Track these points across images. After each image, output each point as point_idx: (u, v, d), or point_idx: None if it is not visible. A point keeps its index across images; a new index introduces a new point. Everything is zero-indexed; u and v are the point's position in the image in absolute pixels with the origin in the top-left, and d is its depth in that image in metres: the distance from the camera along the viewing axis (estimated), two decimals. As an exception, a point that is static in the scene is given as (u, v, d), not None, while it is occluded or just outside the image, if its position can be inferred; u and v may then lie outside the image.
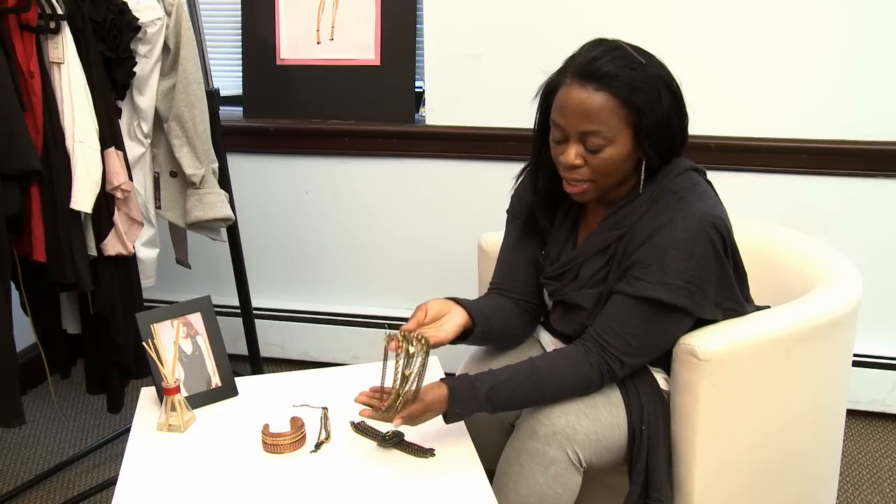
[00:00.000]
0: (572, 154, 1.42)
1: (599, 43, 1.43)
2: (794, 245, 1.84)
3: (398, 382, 1.36)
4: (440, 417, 1.44)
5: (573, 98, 1.39)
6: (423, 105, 2.57)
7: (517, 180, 1.66)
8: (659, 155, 1.44)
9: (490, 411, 1.45)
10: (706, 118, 2.35)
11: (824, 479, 1.77)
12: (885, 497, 2.17)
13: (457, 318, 1.51)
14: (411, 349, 1.36)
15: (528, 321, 1.70)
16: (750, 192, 2.36)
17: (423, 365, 1.37)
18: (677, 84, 1.45)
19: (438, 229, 2.65)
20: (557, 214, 1.62)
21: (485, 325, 1.55)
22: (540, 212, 1.60)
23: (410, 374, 1.36)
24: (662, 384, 1.56)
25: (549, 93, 1.46)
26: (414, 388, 1.37)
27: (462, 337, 1.53)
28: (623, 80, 1.37)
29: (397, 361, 1.37)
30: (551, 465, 1.44)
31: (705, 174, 1.55)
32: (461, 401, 1.42)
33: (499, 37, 2.42)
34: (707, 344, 1.46)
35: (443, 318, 1.51)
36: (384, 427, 1.52)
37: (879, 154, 2.26)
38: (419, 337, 1.38)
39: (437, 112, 2.54)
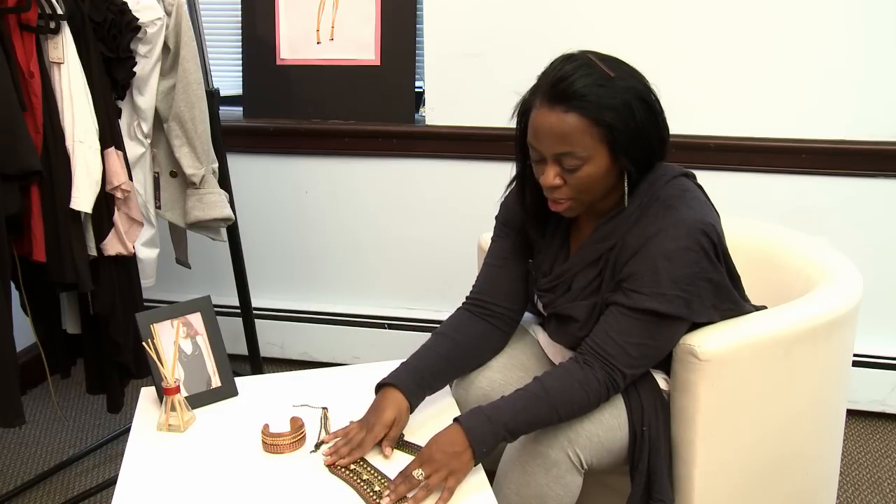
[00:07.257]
0: (551, 175, 1.41)
1: (567, 59, 1.40)
2: (794, 245, 1.84)
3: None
4: (440, 417, 1.43)
5: (544, 121, 1.37)
6: (423, 105, 2.57)
7: (507, 189, 1.63)
8: (638, 166, 1.43)
9: (509, 441, 1.45)
10: (706, 118, 2.34)
11: (824, 479, 1.77)
12: (885, 497, 2.17)
13: (401, 423, 1.50)
14: (365, 476, 1.40)
15: (500, 338, 1.67)
16: (750, 192, 2.36)
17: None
18: (651, 91, 1.42)
19: (438, 229, 2.65)
20: (548, 226, 1.60)
21: (428, 391, 1.55)
22: (530, 227, 1.59)
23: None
24: (662, 384, 1.56)
25: (523, 113, 1.45)
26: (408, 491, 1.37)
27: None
28: (591, 99, 1.35)
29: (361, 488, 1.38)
30: (553, 467, 1.43)
31: (695, 178, 1.54)
32: (483, 440, 1.39)
33: (499, 36, 2.42)
34: (707, 344, 1.46)
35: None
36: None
37: (879, 154, 2.26)
38: (360, 462, 1.43)
39: (437, 112, 2.54)
